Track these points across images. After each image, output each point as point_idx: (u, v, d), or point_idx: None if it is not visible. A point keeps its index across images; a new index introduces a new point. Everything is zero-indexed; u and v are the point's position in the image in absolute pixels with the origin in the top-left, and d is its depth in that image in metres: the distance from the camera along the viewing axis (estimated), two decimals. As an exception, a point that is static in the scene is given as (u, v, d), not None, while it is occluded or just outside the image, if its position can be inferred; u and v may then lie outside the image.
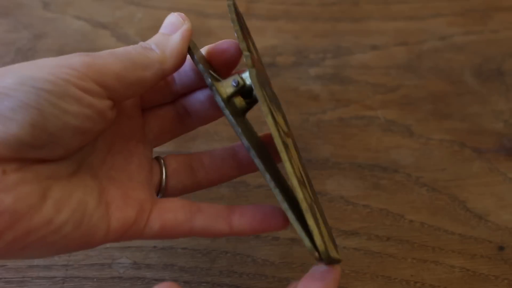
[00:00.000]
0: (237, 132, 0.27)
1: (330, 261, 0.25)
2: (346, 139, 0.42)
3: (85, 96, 0.24)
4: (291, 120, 0.42)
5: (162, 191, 0.31)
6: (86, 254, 0.35)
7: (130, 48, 0.27)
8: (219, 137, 0.41)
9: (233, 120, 0.27)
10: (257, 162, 0.26)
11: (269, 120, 0.25)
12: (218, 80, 0.29)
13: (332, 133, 0.42)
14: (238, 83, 0.28)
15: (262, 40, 0.47)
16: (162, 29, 0.28)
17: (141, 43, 0.27)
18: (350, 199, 0.39)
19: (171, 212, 0.28)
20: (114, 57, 0.26)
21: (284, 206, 0.25)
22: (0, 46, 0.45)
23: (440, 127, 0.42)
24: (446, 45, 0.47)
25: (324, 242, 0.25)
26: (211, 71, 0.29)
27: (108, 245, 0.36)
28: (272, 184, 0.25)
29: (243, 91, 0.29)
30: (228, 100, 0.28)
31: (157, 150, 0.40)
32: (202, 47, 0.31)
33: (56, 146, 0.24)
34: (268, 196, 0.38)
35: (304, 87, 0.44)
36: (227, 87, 0.28)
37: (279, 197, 0.25)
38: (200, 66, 0.28)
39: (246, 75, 0.29)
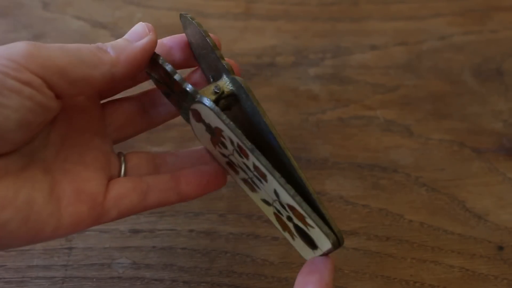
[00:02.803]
0: (239, 137, 0.27)
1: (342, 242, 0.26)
2: (346, 139, 0.42)
3: (25, 88, 0.24)
4: (290, 120, 0.42)
5: None
6: (86, 254, 0.35)
7: (84, 45, 0.26)
8: (219, 137, 0.41)
9: (232, 125, 0.27)
10: (263, 161, 0.26)
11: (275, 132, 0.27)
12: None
13: (331, 133, 0.42)
14: (220, 89, 0.28)
15: (262, 40, 0.47)
16: (126, 36, 0.28)
17: (99, 44, 0.27)
18: (350, 199, 0.39)
19: (126, 198, 0.29)
20: (62, 50, 0.25)
21: (298, 199, 0.26)
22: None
23: (439, 127, 0.42)
24: (446, 45, 0.47)
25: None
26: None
27: (107, 245, 0.36)
28: (282, 181, 0.26)
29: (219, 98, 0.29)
30: None
31: (156, 150, 0.40)
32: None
33: (1, 141, 0.24)
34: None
35: (303, 87, 0.44)
36: (208, 94, 0.28)
37: (291, 191, 0.26)
38: (178, 76, 0.28)
39: (223, 83, 0.29)
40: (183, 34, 0.31)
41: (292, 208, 0.27)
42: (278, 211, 0.29)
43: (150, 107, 0.32)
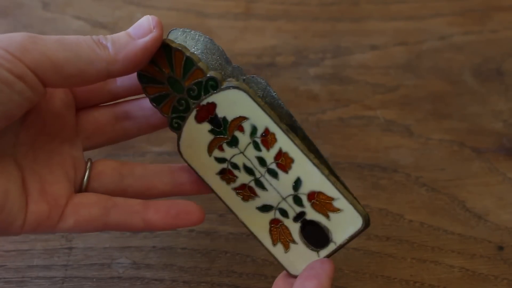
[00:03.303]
0: (274, 119, 0.27)
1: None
2: (346, 139, 0.42)
3: (17, 82, 0.24)
4: (290, 120, 0.42)
5: (82, 191, 0.30)
6: (86, 254, 0.35)
7: (83, 39, 0.26)
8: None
9: (268, 107, 0.27)
10: (298, 142, 0.27)
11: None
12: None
13: (331, 133, 0.42)
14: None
15: (262, 40, 0.47)
16: (131, 29, 0.27)
17: (100, 37, 0.26)
18: (350, 199, 0.39)
19: (86, 207, 0.29)
20: (59, 44, 0.25)
21: (332, 178, 0.27)
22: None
23: (439, 127, 0.42)
24: (446, 45, 0.47)
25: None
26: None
27: (107, 245, 0.36)
28: (316, 161, 0.27)
29: None
30: None
31: (156, 150, 0.40)
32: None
33: None
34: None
35: (303, 87, 0.44)
36: None
37: (325, 171, 0.27)
38: (202, 63, 0.28)
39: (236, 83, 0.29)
40: None
41: (316, 195, 0.27)
42: (284, 213, 0.29)
43: (122, 119, 0.31)
